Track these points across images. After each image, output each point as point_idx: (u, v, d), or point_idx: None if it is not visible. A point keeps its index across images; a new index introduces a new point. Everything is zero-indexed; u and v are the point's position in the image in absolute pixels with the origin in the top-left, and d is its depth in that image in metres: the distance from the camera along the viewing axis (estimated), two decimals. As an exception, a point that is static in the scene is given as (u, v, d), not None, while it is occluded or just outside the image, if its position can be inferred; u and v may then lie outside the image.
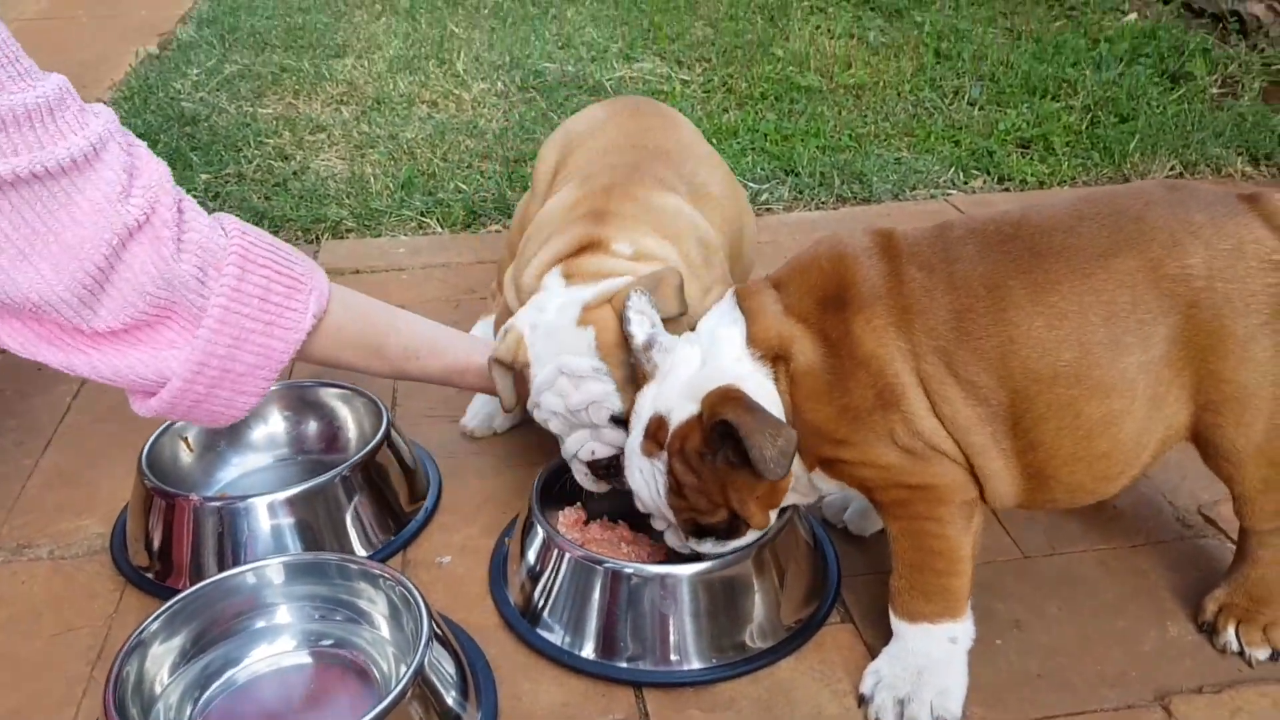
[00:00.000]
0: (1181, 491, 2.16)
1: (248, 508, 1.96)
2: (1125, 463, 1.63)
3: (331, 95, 4.50)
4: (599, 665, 1.81)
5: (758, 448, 1.54)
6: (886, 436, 1.61)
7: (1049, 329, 1.56)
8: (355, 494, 2.05)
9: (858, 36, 5.00)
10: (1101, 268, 1.57)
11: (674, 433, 1.67)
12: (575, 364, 1.88)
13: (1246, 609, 1.79)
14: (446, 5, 5.64)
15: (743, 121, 4.09)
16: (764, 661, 1.81)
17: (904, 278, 1.63)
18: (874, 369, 1.59)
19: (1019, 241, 1.62)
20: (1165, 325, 1.55)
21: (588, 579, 1.83)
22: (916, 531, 1.66)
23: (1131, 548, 2.03)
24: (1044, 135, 3.89)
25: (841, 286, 1.64)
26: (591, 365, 1.87)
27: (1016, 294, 1.58)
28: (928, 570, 1.67)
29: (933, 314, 1.60)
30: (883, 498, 1.67)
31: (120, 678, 1.57)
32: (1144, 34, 4.75)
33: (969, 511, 1.65)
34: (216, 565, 1.94)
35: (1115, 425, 1.58)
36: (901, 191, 3.60)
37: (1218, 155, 3.71)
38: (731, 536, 1.75)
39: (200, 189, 3.64)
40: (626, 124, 2.38)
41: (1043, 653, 1.81)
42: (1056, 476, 1.62)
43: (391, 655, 1.76)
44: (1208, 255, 1.55)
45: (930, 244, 1.67)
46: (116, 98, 4.52)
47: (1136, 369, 1.56)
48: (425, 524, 2.16)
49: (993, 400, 1.58)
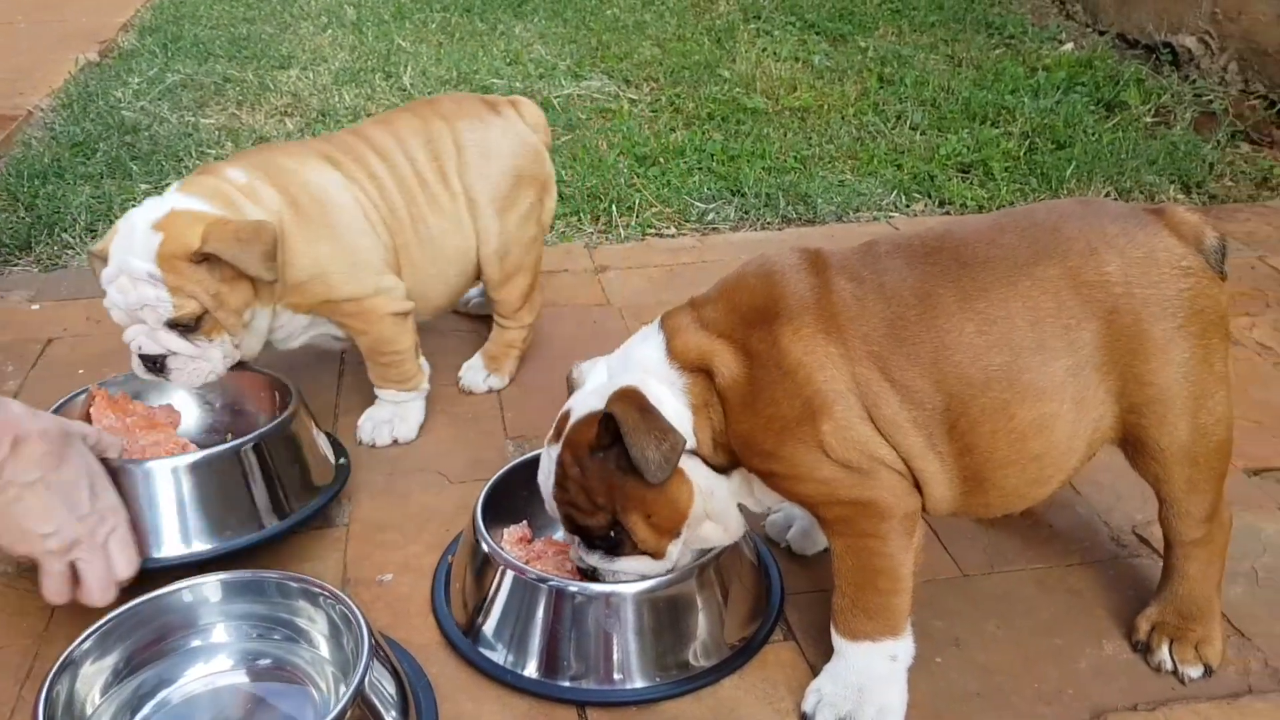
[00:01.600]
0: (1116, 512, 2.21)
1: (147, 471, 1.94)
2: (1057, 465, 1.67)
3: (276, 107, 4.46)
4: (542, 684, 1.80)
5: (639, 447, 1.58)
6: (817, 449, 1.61)
7: (979, 334, 1.61)
8: (261, 465, 2.04)
9: (803, 60, 5.06)
10: (1025, 275, 1.63)
11: (571, 424, 1.70)
12: (134, 265, 2.07)
13: (1178, 627, 1.83)
14: (394, 19, 5.62)
15: (690, 141, 4.12)
16: (707, 680, 1.81)
17: (833, 289, 1.65)
18: (800, 378, 1.60)
19: (945, 253, 1.67)
20: (1088, 330, 1.62)
21: (531, 597, 1.81)
22: (859, 549, 1.67)
23: (1068, 567, 2.07)
24: (984, 160, 3.97)
25: (769, 300, 1.66)
26: (148, 270, 2.06)
27: (946, 301, 1.62)
28: (870, 588, 1.68)
29: (866, 321, 1.63)
30: (825, 514, 1.68)
31: (50, 698, 1.53)
32: (1080, 64, 4.87)
33: (910, 528, 1.67)
34: None
35: (1047, 428, 1.63)
36: (845, 213, 3.64)
37: (1151, 183, 3.80)
38: (616, 551, 1.73)
39: (140, 199, 3.58)
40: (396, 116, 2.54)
41: (981, 671, 1.83)
42: (992, 479, 1.66)
43: (331, 674, 1.73)
44: (1123, 263, 1.63)
45: (858, 258, 1.71)
46: (55, 105, 4.44)
47: (1064, 372, 1.61)
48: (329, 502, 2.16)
49: (928, 404, 1.61)
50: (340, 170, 2.33)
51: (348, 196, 2.31)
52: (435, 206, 2.43)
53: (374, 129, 2.47)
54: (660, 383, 1.67)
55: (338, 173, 2.33)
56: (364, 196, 2.33)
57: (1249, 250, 3.34)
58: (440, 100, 2.60)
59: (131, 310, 2.10)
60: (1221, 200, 3.75)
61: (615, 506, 1.68)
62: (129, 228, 2.10)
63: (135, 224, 2.09)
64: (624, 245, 3.44)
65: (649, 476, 1.59)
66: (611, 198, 3.65)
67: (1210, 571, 1.82)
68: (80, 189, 3.63)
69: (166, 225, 2.07)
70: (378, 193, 2.36)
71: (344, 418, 2.53)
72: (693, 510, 1.70)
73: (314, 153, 2.36)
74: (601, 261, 3.32)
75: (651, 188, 3.75)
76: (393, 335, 2.37)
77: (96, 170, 3.76)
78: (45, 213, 3.46)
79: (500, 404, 2.60)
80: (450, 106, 2.55)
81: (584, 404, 1.72)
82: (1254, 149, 4.17)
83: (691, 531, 1.73)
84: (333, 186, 2.30)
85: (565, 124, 4.29)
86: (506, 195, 2.50)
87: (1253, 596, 1.99)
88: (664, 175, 3.85)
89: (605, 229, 3.53)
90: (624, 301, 3.07)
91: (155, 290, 2.07)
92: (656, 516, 1.68)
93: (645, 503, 1.67)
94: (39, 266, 3.27)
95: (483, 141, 2.49)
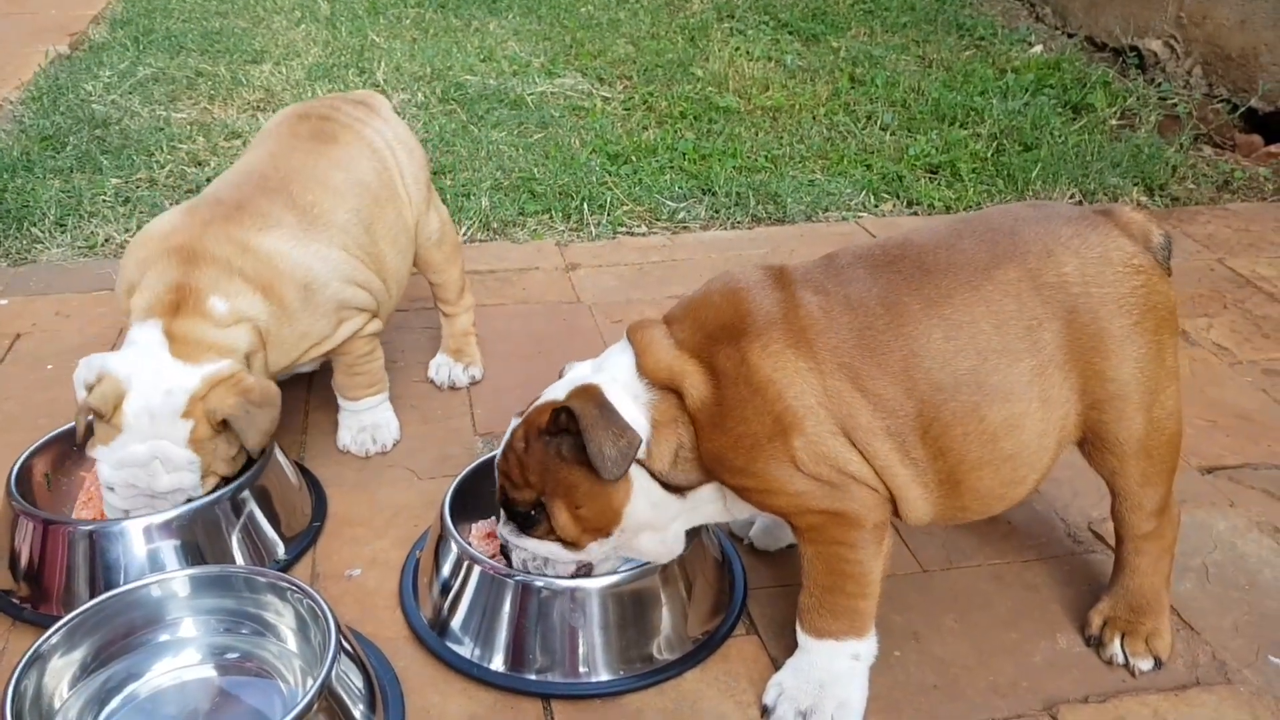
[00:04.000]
0: (1072, 508, 2.25)
1: (121, 532, 1.93)
2: (1030, 465, 1.71)
3: (248, 101, 4.46)
4: (508, 678, 1.82)
5: (596, 443, 1.62)
6: (789, 464, 1.64)
7: (946, 340, 1.64)
8: (240, 515, 2.04)
9: (775, 60, 5.10)
10: (987, 279, 1.67)
11: (533, 406, 1.76)
12: (174, 454, 1.97)
13: (1129, 620, 1.88)
14: (368, 15, 5.62)
15: (662, 140, 4.14)
16: (671, 673, 1.84)
17: (799, 303, 1.68)
18: (770, 394, 1.62)
19: (907, 261, 1.71)
20: (1050, 330, 1.66)
21: (498, 592, 1.84)
22: (830, 556, 1.70)
23: (1024, 562, 2.11)
24: (952, 161, 4.01)
25: (736, 317, 1.68)
26: (187, 459, 1.99)
27: (912, 309, 1.66)
28: (838, 591, 1.71)
29: (834, 333, 1.65)
30: (798, 523, 1.71)
31: (18, 691, 1.54)
32: (1049, 66, 4.92)
33: (880, 536, 1.70)
34: (89, 592, 1.90)
35: (1018, 427, 1.67)
36: (814, 213, 3.68)
37: (1115, 184, 3.86)
38: (528, 529, 1.77)
39: (110, 193, 3.57)
40: (276, 142, 2.40)
41: (938, 664, 1.87)
42: (967, 482, 1.68)
43: (299, 668, 1.75)
44: (1079, 263, 1.68)
45: (821, 271, 1.74)
46: (24, 98, 4.42)
47: (1030, 372, 1.65)
48: (308, 547, 2.14)
49: (900, 411, 1.64)
50: (309, 221, 2.24)
51: (325, 255, 2.23)
52: (393, 207, 2.44)
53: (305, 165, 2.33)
54: (625, 393, 1.70)
55: (306, 230, 2.23)
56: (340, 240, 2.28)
57: (1208, 253, 3.40)
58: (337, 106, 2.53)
59: (157, 493, 1.99)
60: (1183, 203, 3.82)
61: (544, 489, 1.72)
62: (150, 415, 1.96)
63: (158, 411, 1.96)
64: (595, 243, 3.46)
65: (604, 473, 1.63)
66: (583, 196, 3.67)
67: (1160, 565, 1.87)
68: (50, 183, 3.61)
69: (192, 411, 1.98)
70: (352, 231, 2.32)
71: (314, 434, 2.55)
72: (628, 517, 1.72)
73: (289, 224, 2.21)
74: (572, 259, 3.35)
75: (623, 186, 3.77)
76: (368, 350, 2.39)
77: (66, 164, 3.75)
78: (14, 207, 3.45)
79: (470, 401, 2.62)
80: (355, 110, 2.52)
81: (552, 393, 1.77)
82: (1216, 152, 4.24)
83: (626, 538, 1.76)
84: (310, 258, 2.20)
85: (539, 121, 4.30)
86: (428, 183, 2.61)
87: (1202, 591, 2.04)
88: (636, 174, 3.88)
89: (577, 227, 3.56)
90: (594, 299, 3.10)
91: (191, 476, 2.00)
92: (585, 510, 1.72)
93: (576, 495, 1.71)
94: (7, 261, 3.26)
95: (405, 137, 2.57)
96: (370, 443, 2.41)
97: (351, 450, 2.42)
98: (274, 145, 2.38)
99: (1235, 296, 3.13)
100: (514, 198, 3.67)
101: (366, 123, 2.49)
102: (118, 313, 2.24)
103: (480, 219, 3.52)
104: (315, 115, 2.46)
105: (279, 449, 2.18)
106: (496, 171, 3.84)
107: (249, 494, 2.06)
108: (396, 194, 2.45)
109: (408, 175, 2.50)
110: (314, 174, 2.30)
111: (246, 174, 2.30)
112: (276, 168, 2.29)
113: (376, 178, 2.41)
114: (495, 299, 3.09)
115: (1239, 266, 3.31)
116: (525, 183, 3.77)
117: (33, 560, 1.93)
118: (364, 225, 2.33)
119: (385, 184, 2.43)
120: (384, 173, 2.43)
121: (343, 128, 2.43)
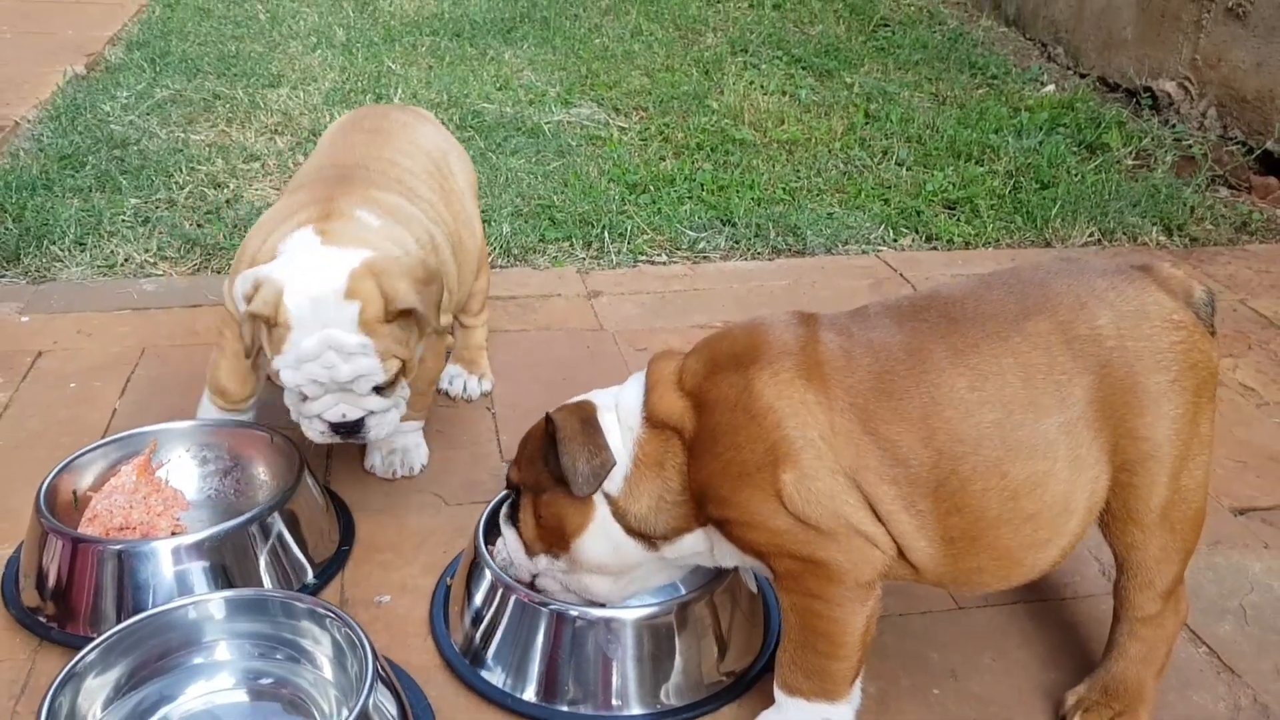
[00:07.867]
0: (1105, 548, 2.22)
1: (150, 551, 1.90)
2: (1052, 527, 1.63)
3: (266, 125, 4.46)
4: (540, 708, 1.80)
5: (570, 456, 1.64)
6: (774, 498, 1.58)
7: (971, 390, 1.59)
8: (269, 538, 2.01)
9: (789, 94, 5.12)
10: (1016, 330, 1.62)
11: (563, 406, 1.77)
12: (345, 340, 1.95)
13: (1098, 703, 1.79)
14: (383, 41, 5.63)
15: (680, 170, 4.15)
16: (705, 709, 1.82)
17: (820, 340, 1.65)
18: (768, 422, 1.58)
19: (933, 310, 1.67)
20: (1081, 386, 1.60)
21: (532, 621, 1.82)
22: (803, 608, 1.64)
23: (1061, 600, 2.09)
24: (969, 198, 4.02)
25: (749, 347, 1.66)
26: (359, 342, 1.96)
27: (937, 357, 1.61)
28: (809, 649, 1.66)
29: (852, 373, 1.61)
30: (775, 566, 1.65)
31: (53, 709, 1.51)
32: (1062, 105, 4.95)
33: (863, 595, 1.62)
34: (116, 612, 1.88)
35: (1040, 485, 1.59)
36: (834, 246, 3.68)
37: (1134, 224, 3.87)
38: (512, 512, 1.81)
39: (129, 213, 3.56)
40: (338, 139, 2.47)
41: (978, 703, 1.85)
42: (984, 539, 1.61)
43: (334, 697, 1.73)
44: (1114, 316, 1.62)
45: (848, 317, 1.72)
46: (42, 117, 4.41)
47: (1057, 429, 1.59)
48: (337, 572, 2.11)
49: (914, 460, 1.58)
50: (417, 207, 2.29)
51: (439, 233, 2.30)
52: (458, 209, 2.49)
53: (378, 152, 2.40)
54: (619, 423, 1.70)
55: (418, 209, 2.29)
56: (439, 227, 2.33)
57: (1230, 294, 3.40)
58: (387, 111, 2.62)
59: (342, 384, 1.99)
60: (1203, 243, 3.82)
61: (525, 479, 1.75)
62: (311, 301, 1.94)
63: (319, 295, 1.94)
64: (616, 271, 3.46)
65: (575, 488, 1.65)
66: (603, 224, 3.67)
67: (1153, 656, 1.77)
68: (69, 202, 3.60)
69: (355, 291, 1.95)
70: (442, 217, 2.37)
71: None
72: (579, 548, 1.71)
73: (394, 191, 2.26)
74: (594, 287, 3.34)
75: (643, 215, 3.77)
76: (439, 370, 2.42)
77: (85, 183, 3.74)
78: (34, 225, 3.44)
79: (495, 426, 2.61)
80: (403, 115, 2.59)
81: (580, 398, 1.79)
82: (1233, 194, 4.26)
83: (575, 568, 1.75)
84: (434, 228, 2.27)
85: (556, 150, 4.31)
86: (475, 186, 2.65)
87: (1241, 633, 2.02)
88: (655, 203, 3.88)
89: (598, 254, 3.55)
90: (617, 326, 3.09)
91: (369, 360, 1.98)
92: (545, 518, 1.73)
93: (541, 501, 1.73)
94: (27, 278, 3.25)
95: (455, 144, 2.61)
96: (399, 466, 2.39)
97: (378, 472, 2.40)
98: (339, 141, 2.46)
99: (1260, 337, 3.13)
100: (534, 224, 3.67)
101: (417, 127, 2.55)
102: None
103: (501, 244, 3.52)
104: (372, 116, 2.56)
105: (309, 471, 2.15)
106: (516, 198, 3.84)
107: (277, 516, 2.03)
108: (452, 191, 2.49)
109: (460, 178, 2.55)
110: (387, 158, 2.37)
111: (318, 169, 2.35)
112: (351, 156, 2.34)
113: (436, 169, 2.47)
114: (518, 325, 3.08)
115: (1261, 308, 3.32)
116: (545, 210, 3.77)
117: (60, 579, 1.91)
118: (444, 201, 2.39)
119: (443, 178, 2.48)
120: (436, 173, 2.47)
121: (400, 126, 2.51)
